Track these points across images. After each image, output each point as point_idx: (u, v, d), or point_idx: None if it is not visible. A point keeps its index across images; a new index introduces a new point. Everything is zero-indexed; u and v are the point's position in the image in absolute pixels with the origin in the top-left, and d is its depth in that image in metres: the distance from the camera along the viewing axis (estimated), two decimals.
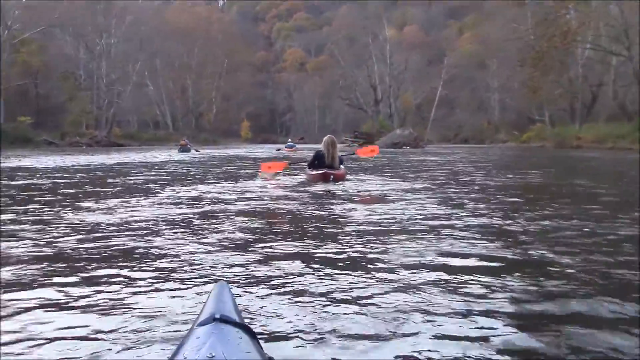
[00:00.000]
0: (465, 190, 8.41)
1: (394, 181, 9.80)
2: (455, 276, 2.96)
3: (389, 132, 45.98)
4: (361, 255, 3.54)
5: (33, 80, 52.90)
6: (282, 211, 5.92)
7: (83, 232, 4.43)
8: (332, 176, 9.12)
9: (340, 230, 4.57)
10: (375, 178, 10.37)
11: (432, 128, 67.96)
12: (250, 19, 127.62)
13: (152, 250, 3.71)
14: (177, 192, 7.92)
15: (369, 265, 3.23)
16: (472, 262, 3.34)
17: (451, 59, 71.95)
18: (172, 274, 3.08)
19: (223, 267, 3.23)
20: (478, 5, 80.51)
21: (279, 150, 36.17)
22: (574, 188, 9.03)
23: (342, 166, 9.88)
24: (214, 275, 3.04)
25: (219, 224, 4.87)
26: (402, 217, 5.20)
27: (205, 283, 2.87)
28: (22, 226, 4.76)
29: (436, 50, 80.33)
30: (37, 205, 6.29)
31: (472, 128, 66.19)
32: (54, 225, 4.77)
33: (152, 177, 11.33)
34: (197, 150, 32.05)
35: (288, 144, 39.52)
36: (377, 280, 2.89)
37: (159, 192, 7.88)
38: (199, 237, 4.22)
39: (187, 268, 3.21)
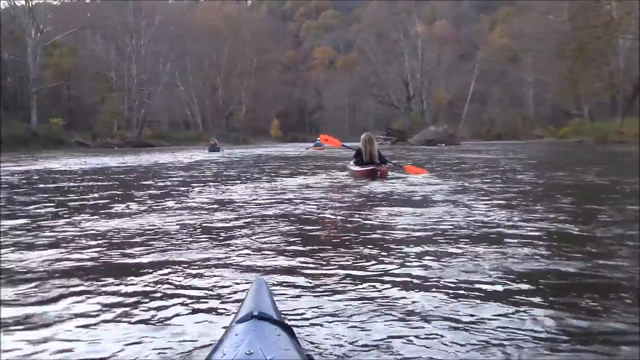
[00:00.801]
0: (521, 190, 7.73)
1: (440, 180, 9.24)
2: (519, 297, 2.59)
3: (421, 129, 45.14)
4: (407, 263, 3.29)
5: (65, 82, 53.54)
6: (323, 213, 5.67)
7: (119, 236, 4.38)
8: (378, 172, 9.33)
9: (386, 234, 4.27)
10: (420, 178, 9.84)
11: (464, 124, 66.53)
12: (278, 17, 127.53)
13: (190, 250, 3.74)
14: (215, 193, 7.75)
15: (413, 274, 3.02)
16: (540, 280, 2.89)
17: (483, 54, 70.35)
18: (211, 272, 3.11)
19: (261, 265, 3.26)
20: None
21: (308, 149, 35.96)
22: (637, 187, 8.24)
23: (384, 165, 9.94)
24: (252, 273, 3.07)
25: (258, 224, 4.82)
26: (455, 223, 4.72)
27: (244, 280, 2.91)
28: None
29: (467, 46, 78.91)
30: (73, 210, 6.12)
31: (505, 124, 64.62)
32: (93, 230, 4.67)
33: (187, 179, 10.95)
34: (224, 150, 32.20)
35: (316, 142, 39.30)
36: (422, 291, 2.70)
37: (196, 193, 7.79)
38: (237, 236, 4.23)
39: (226, 266, 3.25)
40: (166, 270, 3.16)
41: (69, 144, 42.95)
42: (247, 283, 2.79)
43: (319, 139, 41.58)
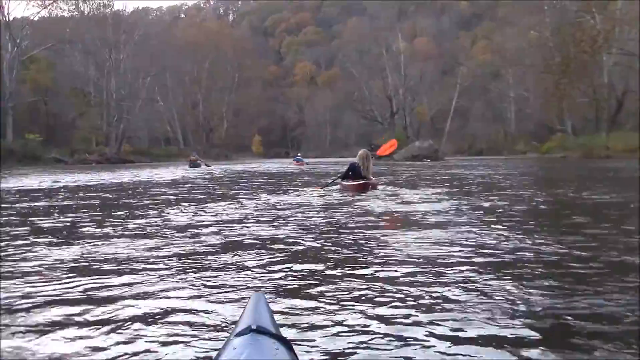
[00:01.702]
0: (527, 210, 7.27)
1: (437, 199, 8.70)
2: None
3: (405, 144, 44.86)
4: (405, 280, 3.20)
5: (43, 97, 52.43)
6: (320, 229, 5.51)
7: (114, 248, 4.42)
8: (369, 186, 9.99)
9: (385, 252, 4.14)
10: (416, 193, 9.85)
11: (446, 140, 66.63)
12: (260, 33, 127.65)
13: (188, 263, 3.75)
14: (210, 208, 7.73)
15: (412, 291, 2.94)
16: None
17: (465, 69, 70.77)
18: (209, 286, 3.12)
19: (260, 279, 3.27)
20: (490, 15, 79.70)
21: (290, 163, 36.30)
22: None
23: (372, 178, 10.69)
24: (250, 287, 3.08)
25: (254, 241, 4.76)
26: (458, 245, 4.35)
27: (242, 294, 2.91)
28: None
29: (448, 62, 79.40)
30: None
31: (487, 139, 64.79)
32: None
33: (170, 197, 10.41)
34: (207, 165, 32.06)
35: (296, 157, 40.47)
36: (423, 308, 2.63)
37: (181, 211, 7.53)
38: (235, 250, 4.23)
39: (224, 280, 3.26)
40: (164, 284, 3.17)
41: (45, 160, 41.94)
42: (246, 297, 2.78)
43: (299, 154, 42.13)
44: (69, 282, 3.24)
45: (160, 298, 2.90)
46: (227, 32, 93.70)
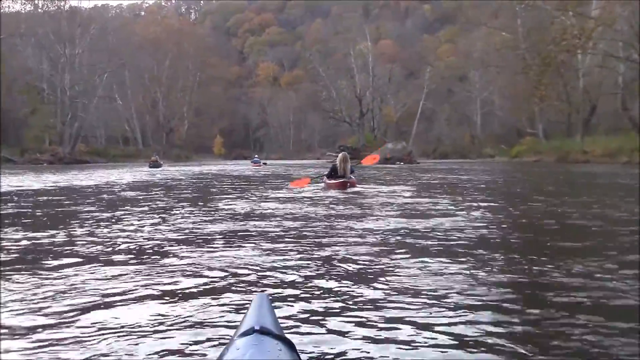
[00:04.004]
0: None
1: (432, 204, 8.13)
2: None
3: (374, 146, 43.94)
4: (410, 278, 3.28)
5: None
6: (319, 226, 5.68)
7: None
8: (349, 184, 11.23)
9: (387, 251, 4.24)
10: (411, 192, 10.16)
11: (413, 142, 66.26)
12: (222, 33, 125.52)
13: (191, 265, 3.71)
14: (208, 208, 7.91)
15: (420, 288, 3.02)
16: None
17: (431, 71, 70.71)
18: (212, 287, 3.14)
19: (263, 280, 3.30)
20: (453, 19, 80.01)
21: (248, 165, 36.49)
22: None
23: (352, 176, 11.87)
24: (254, 288, 3.11)
25: (257, 239, 4.84)
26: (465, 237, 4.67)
27: (246, 295, 2.94)
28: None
29: (413, 64, 79.36)
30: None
31: (453, 142, 64.55)
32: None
33: (139, 201, 9.63)
34: (170, 166, 31.09)
35: (254, 159, 41.22)
36: (427, 308, 2.67)
37: (200, 207, 7.97)
38: (237, 251, 4.25)
39: (227, 280, 3.29)
40: (168, 285, 3.17)
41: None
42: (249, 298, 2.77)
43: (256, 156, 42.05)
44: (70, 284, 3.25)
45: (163, 299, 2.91)
46: (188, 30, 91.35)
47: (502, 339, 2.25)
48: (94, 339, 2.29)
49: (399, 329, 2.36)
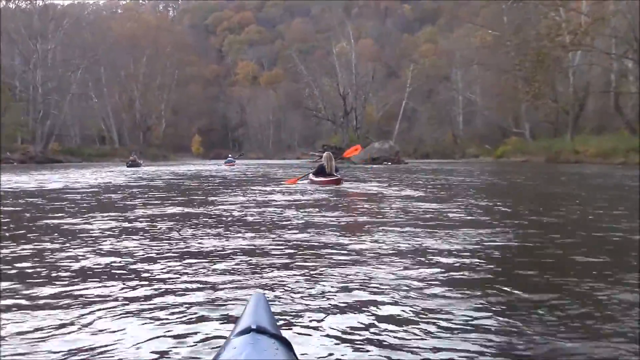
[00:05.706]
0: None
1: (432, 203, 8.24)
2: None
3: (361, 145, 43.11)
4: (406, 277, 3.31)
5: None
6: (318, 227, 5.62)
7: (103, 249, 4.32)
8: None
9: (384, 250, 4.23)
10: (411, 193, 10.13)
11: (395, 142, 65.72)
12: (201, 31, 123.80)
13: (187, 265, 3.70)
14: (206, 209, 7.72)
15: (410, 286, 3.07)
16: None
17: (416, 70, 70.27)
18: (209, 286, 3.11)
19: (260, 279, 3.29)
20: (433, 19, 79.89)
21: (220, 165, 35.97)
22: None
23: (337, 174, 12.56)
24: (250, 287, 3.10)
25: (251, 238, 4.86)
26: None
27: (243, 294, 2.93)
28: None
29: (394, 63, 78.92)
30: None
31: (435, 142, 64.07)
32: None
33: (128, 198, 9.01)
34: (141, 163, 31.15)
35: (228, 159, 40.79)
36: (420, 302, 2.75)
37: (180, 207, 7.85)
38: (234, 251, 4.24)
39: (223, 280, 3.26)
40: (162, 285, 3.17)
41: None
42: (246, 297, 2.75)
43: (230, 156, 41.57)
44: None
45: (159, 299, 2.87)
46: (166, 27, 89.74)
47: (504, 338, 2.26)
48: (89, 340, 2.28)
49: (398, 329, 2.38)
